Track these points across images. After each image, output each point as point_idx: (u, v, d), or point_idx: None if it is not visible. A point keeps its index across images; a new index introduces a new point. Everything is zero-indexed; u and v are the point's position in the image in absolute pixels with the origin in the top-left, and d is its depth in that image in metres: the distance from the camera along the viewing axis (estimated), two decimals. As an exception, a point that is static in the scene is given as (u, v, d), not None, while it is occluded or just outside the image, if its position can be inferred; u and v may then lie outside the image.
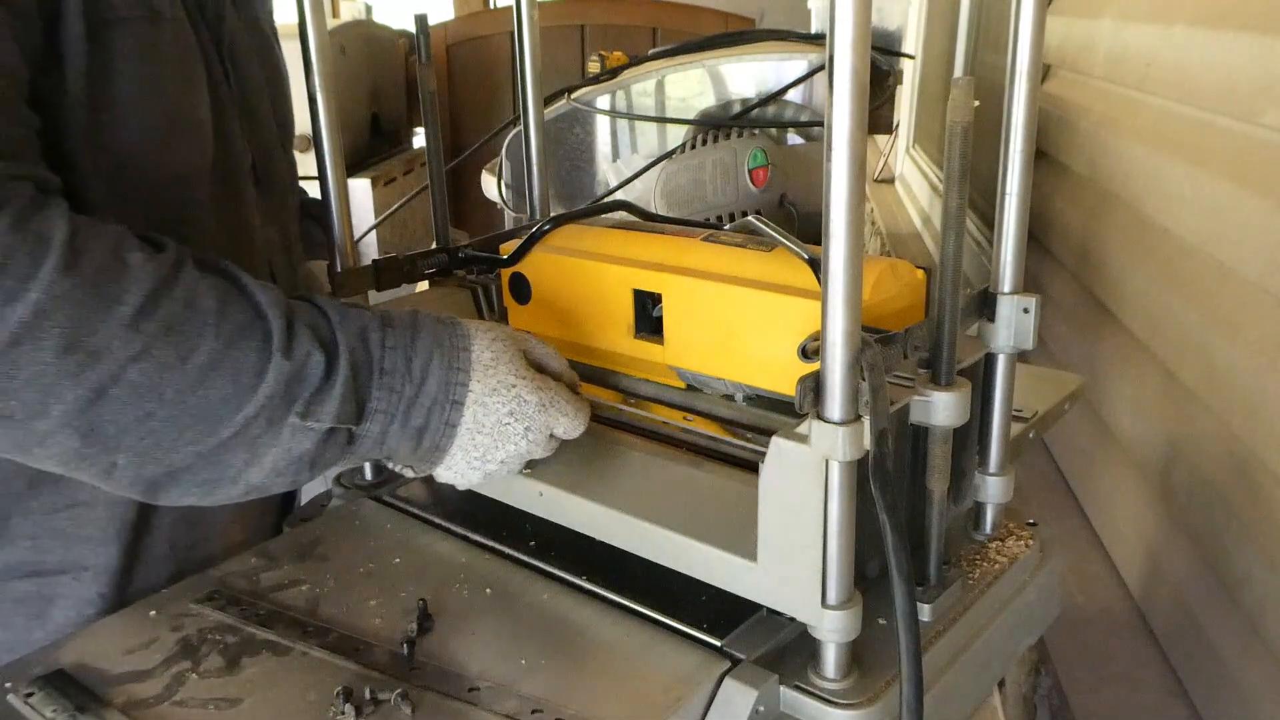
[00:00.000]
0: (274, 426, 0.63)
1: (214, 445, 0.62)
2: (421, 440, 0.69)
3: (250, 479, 0.65)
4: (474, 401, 0.70)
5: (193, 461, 0.63)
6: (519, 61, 0.99)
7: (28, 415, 0.58)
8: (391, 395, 0.67)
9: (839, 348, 0.56)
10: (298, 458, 0.65)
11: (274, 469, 0.65)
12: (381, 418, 0.67)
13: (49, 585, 0.78)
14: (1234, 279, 0.95)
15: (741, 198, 1.88)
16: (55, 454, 0.61)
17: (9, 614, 0.78)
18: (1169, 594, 1.03)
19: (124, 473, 0.62)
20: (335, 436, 0.66)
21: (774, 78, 1.98)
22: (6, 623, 0.78)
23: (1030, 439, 0.85)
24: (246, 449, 0.63)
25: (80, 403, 0.58)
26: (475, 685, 0.65)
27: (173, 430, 0.61)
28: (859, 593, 0.62)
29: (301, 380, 0.64)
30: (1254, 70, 0.97)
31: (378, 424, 0.67)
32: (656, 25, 3.98)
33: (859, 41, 0.51)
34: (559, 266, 0.87)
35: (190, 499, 0.65)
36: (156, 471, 0.62)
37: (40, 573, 0.78)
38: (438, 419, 0.69)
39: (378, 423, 0.67)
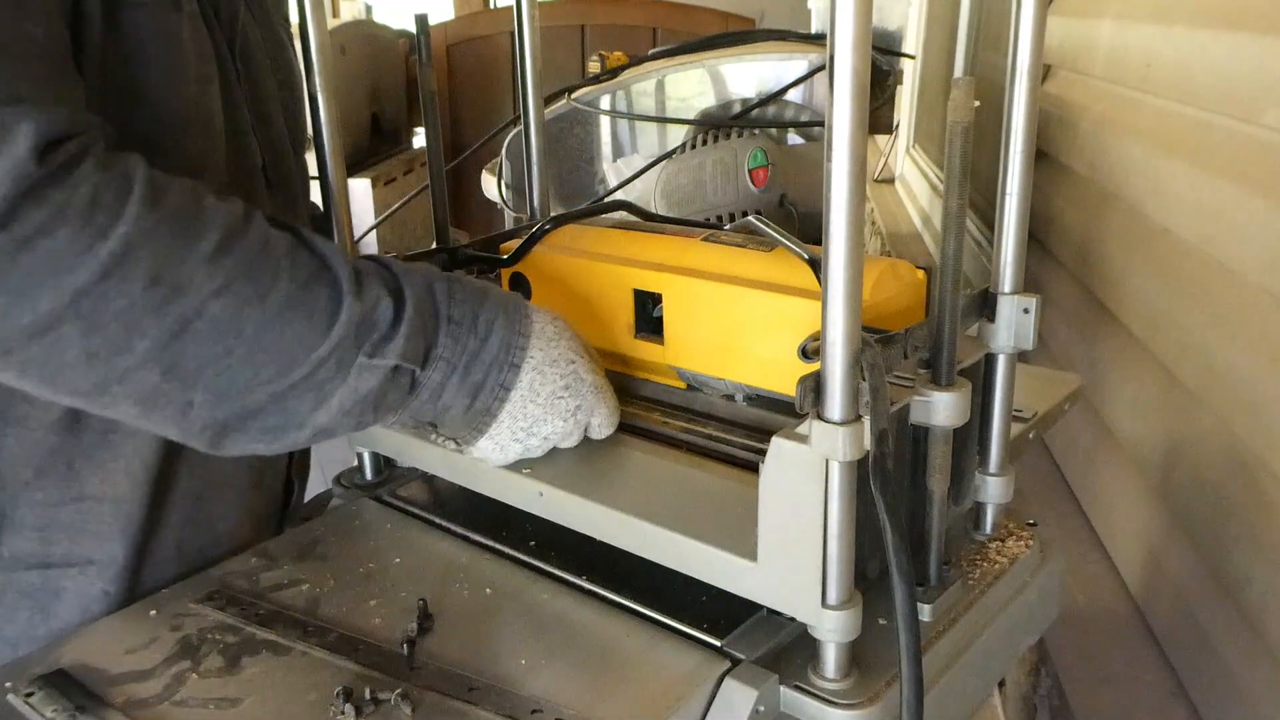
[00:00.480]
0: (343, 369, 0.65)
1: (286, 386, 0.64)
2: (475, 399, 0.71)
3: (318, 421, 0.66)
4: (532, 368, 0.72)
5: (265, 403, 0.64)
6: (519, 61, 0.99)
7: (112, 351, 0.59)
8: (455, 344, 0.69)
9: (839, 348, 0.56)
10: (363, 397, 0.66)
11: (341, 409, 0.66)
12: (444, 366, 0.69)
13: (55, 578, 0.78)
14: (1234, 279, 0.95)
15: (741, 198, 1.88)
16: (134, 391, 0.61)
17: (14, 606, 0.78)
18: (1169, 594, 1.03)
19: (198, 413, 0.63)
20: (399, 379, 0.68)
21: (774, 78, 1.98)
22: (11, 616, 0.78)
23: (1030, 439, 0.85)
24: (316, 391, 0.65)
25: (164, 337, 0.60)
26: (475, 685, 0.65)
27: (249, 369, 0.63)
28: (859, 593, 0.62)
29: (371, 323, 0.66)
30: (1254, 70, 0.97)
31: (439, 372, 0.69)
32: (656, 25, 3.98)
33: (859, 41, 0.51)
34: (559, 266, 0.87)
35: (258, 446, 0.66)
36: (230, 412, 0.64)
37: (47, 565, 0.78)
38: (494, 379, 0.71)
39: (440, 371, 0.69)
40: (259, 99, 0.86)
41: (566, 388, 0.73)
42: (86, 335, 0.58)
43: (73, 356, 0.59)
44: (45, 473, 0.76)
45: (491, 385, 0.71)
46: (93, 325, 0.58)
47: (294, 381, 0.64)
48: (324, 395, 0.65)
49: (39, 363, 0.59)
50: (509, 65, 4.00)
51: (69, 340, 0.58)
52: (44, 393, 0.62)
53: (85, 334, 0.58)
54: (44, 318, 0.57)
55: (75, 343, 0.59)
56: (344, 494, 0.91)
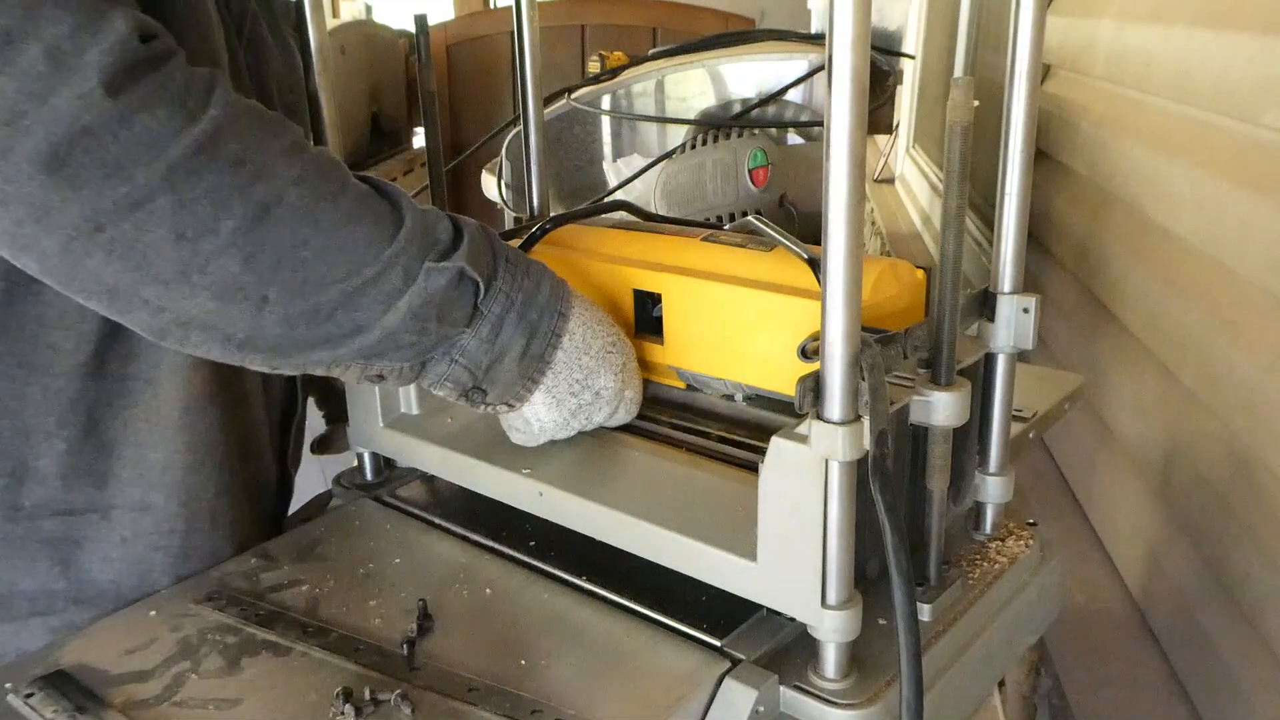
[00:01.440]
0: (410, 274, 0.67)
1: (358, 284, 0.66)
2: (531, 342, 0.72)
3: (387, 323, 0.67)
4: (581, 322, 0.75)
5: (337, 302, 0.66)
6: (519, 61, 0.99)
7: (199, 232, 0.61)
8: (512, 280, 0.72)
9: (839, 348, 0.56)
10: (430, 297, 0.68)
11: (409, 310, 0.67)
12: (503, 298, 0.71)
13: (76, 526, 0.79)
14: (1234, 279, 0.95)
15: (741, 198, 1.88)
16: (214, 281, 0.63)
17: (34, 558, 0.78)
18: (1169, 594, 1.03)
19: (273, 309, 0.65)
20: (464, 288, 0.69)
21: (774, 78, 1.98)
22: (31, 569, 0.78)
23: (1030, 439, 0.85)
24: (384, 291, 0.67)
25: (247, 219, 0.62)
26: (475, 685, 0.65)
27: (323, 264, 0.65)
28: (859, 593, 0.62)
29: (433, 237, 0.69)
30: (1254, 70, 0.97)
31: (499, 304, 0.71)
32: (656, 25, 3.98)
33: (859, 41, 0.51)
34: (558, 266, 0.87)
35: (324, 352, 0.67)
36: (303, 309, 0.65)
37: (69, 512, 0.79)
38: (548, 324, 0.73)
39: (499, 303, 0.71)
40: (264, 94, 0.86)
41: (614, 344, 0.76)
42: (177, 211, 0.61)
43: (161, 236, 0.61)
44: (66, 421, 0.77)
45: (545, 330, 0.73)
46: (183, 201, 0.61)
47: (365, 280, 0.66)
48: (392, 297, 0.67)
49: (129, 241, 0.61)
50: (509, 65, 3.99)
51: (160, 216, 0.61)
52: (127, 281, 0.63)
53: (176, 210, 0.61)
54: (139, 190, 0.60)
55: (166, 219, 0.61)
56: (344, 494, 0.91)
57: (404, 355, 0.70)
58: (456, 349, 0.71)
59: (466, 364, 0.71)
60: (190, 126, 0.61)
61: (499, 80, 4.12)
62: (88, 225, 0.60)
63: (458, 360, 0.71)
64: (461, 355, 0.71)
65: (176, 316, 0.65)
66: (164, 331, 0.66)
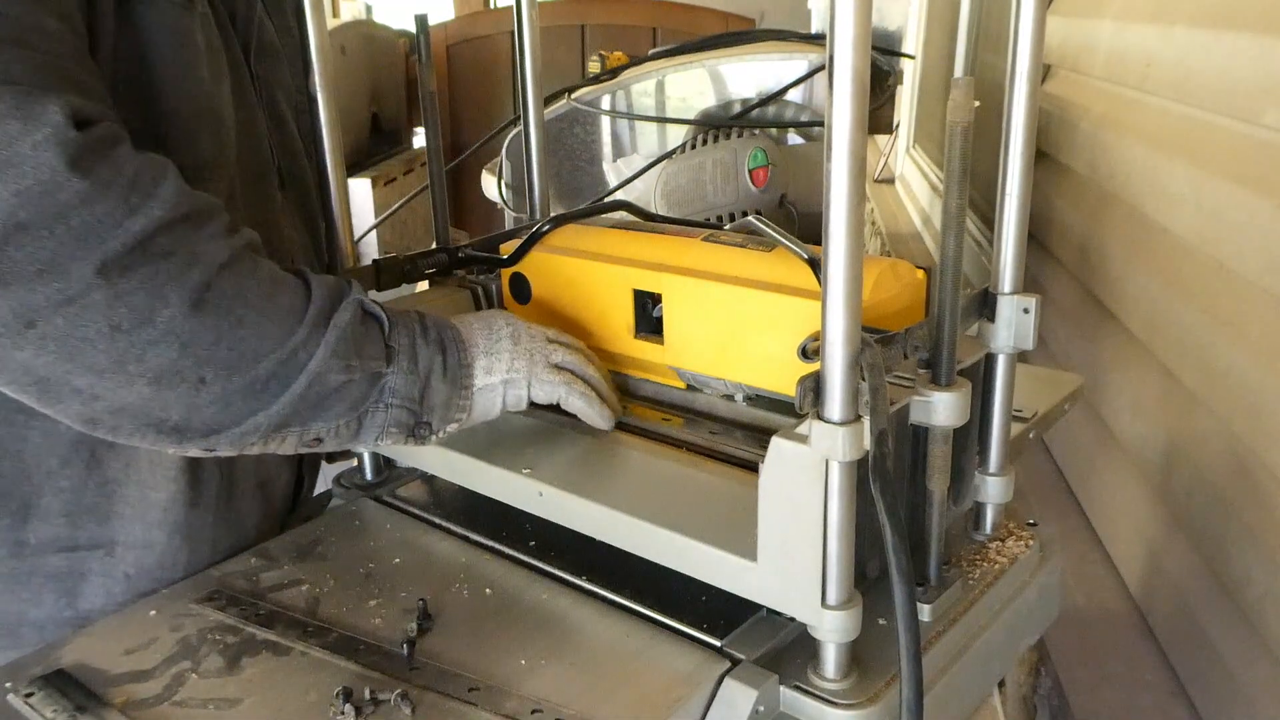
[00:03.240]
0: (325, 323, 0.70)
1: (291, 348, 0.67)
2: (447, 355, 0.74)
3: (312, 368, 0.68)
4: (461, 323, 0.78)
5: (272, 371, 0.67)
6: (519, 61, 0.99)
7: (135, 323, 0.62)
8: (401, 315, 0.75)
9: (839, 348, 0.56)
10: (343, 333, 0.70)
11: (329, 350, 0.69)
12: (404, 330, 0.73)
13: (81, 561, 0.80)
14: (1234, 279, 0.95)
15: (741, 198, 1.88)
16: (150, 369, 0.63)
17: (40, 590, 0.79)
18: (1169, 594, 1.03)
19: (210, 388, 0.65)
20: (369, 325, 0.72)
21: (774, 78, 1.98)
22: (38, 600, 0.79)
23: (1030, 439, 0.85)
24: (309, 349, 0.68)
25: (184, 307, 0.63)
26: (475, 685, 0.65)
27: (257, 337, 0.66)
28: (859, 593, 0.62)
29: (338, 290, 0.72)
30: (1254, 70, 0.97)
31: (404, 334, 0.73)
32: (656, 25, 3.98)
33: (859, 41, 0.51)
34: (559, 266, 0.87)
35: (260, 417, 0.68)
36: (241, 384, 0.66)
37: (73, 548, 0.79)
38: (448, 335, 0.76)
39: (403, 334, 0.73)
40: (274, 100, 0.86)
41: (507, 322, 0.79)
42: (112, 305, 0.61)
43: (96, 329, 0.61)
44: (70, 461, 0.78)
45: (449, 340, 0.75)
46: (119, 294, 0.61)
47: (296, 344, 0.67)
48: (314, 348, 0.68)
49: (61, 336, 0.60)
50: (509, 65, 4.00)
51: (95, 310, 0.60)
52: (58, 373, 0.62)
53: (111, 303, 0.61)
54: (73, 285, 0.59)
55: (100, 313, 0.61)
56: (344, 494, 0.91)
57: (337, 410, 0.70)
58: (387, 392, 0.72)
59: (401, 402, 0.72)
60: (129, 220, 0.60)
61: (499, 80, 4.12)
62: (18, 322, 0.59)
63: (392, 404, 0.72)
64: (393, 396, 0.72)
65: (109, 405, 0.65)
66: (95, 421, 0.66)
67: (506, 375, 0.76)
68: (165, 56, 0.74)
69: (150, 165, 0.63)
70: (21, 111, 0.57)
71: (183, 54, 0.75)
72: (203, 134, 0.77)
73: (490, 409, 0.76)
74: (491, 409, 0.76)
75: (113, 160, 0.61)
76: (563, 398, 0.77)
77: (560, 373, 0.77)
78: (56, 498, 0.78)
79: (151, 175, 0.63)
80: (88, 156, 0.59)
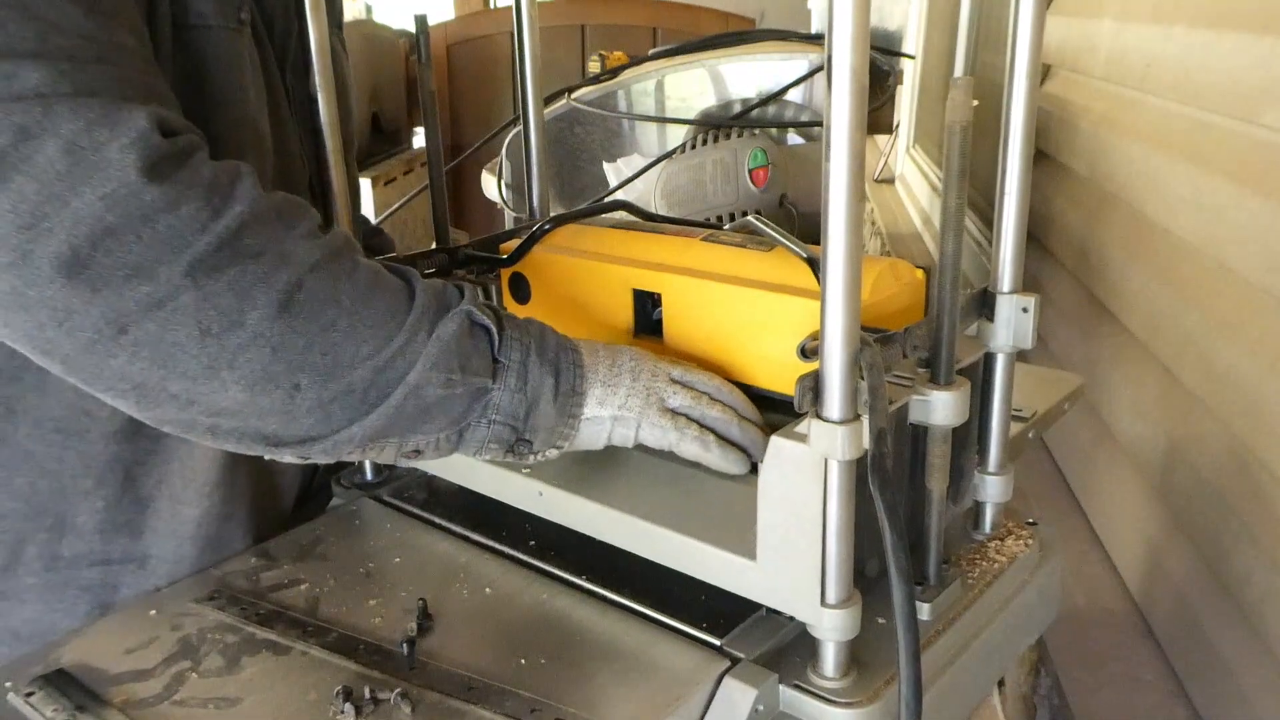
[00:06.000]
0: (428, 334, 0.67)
1: (389, 356, 0.65)
2: (560, 379, 0.70)
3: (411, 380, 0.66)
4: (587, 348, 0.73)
5: (369, 379, 0.65)
6: (519, 61, 0.99)
7: (225, 326, 0.61)
8: (517, 327, 0.71)
9: (838, 347, 0.56)
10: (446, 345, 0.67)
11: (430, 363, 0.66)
12: (517, 344, 0.70)
13: (114, 574, 0.81)
14: (1234, 279, 0.95)
15: (741, 198, 1.88)
16: (243, 375, 0.62)
17: (75, 601, 0.80)
18: (1169, 594, 1.03)
19: (306, 395, 0.64)
20: (477, 337, 0.69)
21: (774, 78, 1.98)
22: (72, 610, 0.80)
23: (1030, 439, 0.85)
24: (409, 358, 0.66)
25: (272, 309, 0.62)
26: (475, 685, 0.65)
27: (352, 342, 0.64)
28: (858, 592, 0.62)
29: (445, 298, 0.70)
30: (1254, 70, 0.97)
31: (516, 350, 0.70)
32: (656, 25, 3.98)
33: (859, 41, 0.51)
34: (559, 266, 0.88)
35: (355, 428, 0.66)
36: (337, 390, 0.64)
37: (106, 562, 0.80)
38: (565, 359, 0.71)
39: (515, 349, 0.70)
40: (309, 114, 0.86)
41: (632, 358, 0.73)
42: (201, 307, 0.60)
43: (186, 333, 0.60)
44: (105, 480, 0.79)
45: (565, 364, 0.71)
46: (207, 295, 0.60)
47: (394, 351, 0.65)
48: (414, 357, 0.66)
49: (153, 341, 0.60)
50: (509, 65, 3.99)
51: (184, 313, 0.60)
52: (153, 379, 0.62)
53: (200, 305, 0.60)
54: (161, 288, 0.59)
55: (190, 316, 0.60)
56: (344, 494, 0.91)
57: (437, 423, 0.68)
58: (490, 408, 0.69)
59: (504, 419, 0.69)
60: (214, 223, 0.60)
61: (499, 80, 4.12)
62: (110, 328, 0.59)
63: (495, 420, 0.69)
64: (496, 413, 0.69)
65: (206, 410, 0.64)
66: (192, 425, 0.65)
67: (617, 412, 0.71)
68: (217, 81, 0.75)
69: (225, 169, 0.63)
70: (109, 119, 0.58)
71: (233, 77, 0.76)
72: (247, 155, 0.77)
73: (595, 441, 0.72)
74: (596, 441, 0.72)
75: (191, 165, 0.61)
76: (674, 444, 0.70)
77: (674, 417, 0.71)
78: (91, 514, 0.79)
79: (229, 178, 0.62)
80: (170, 162, 0.60)
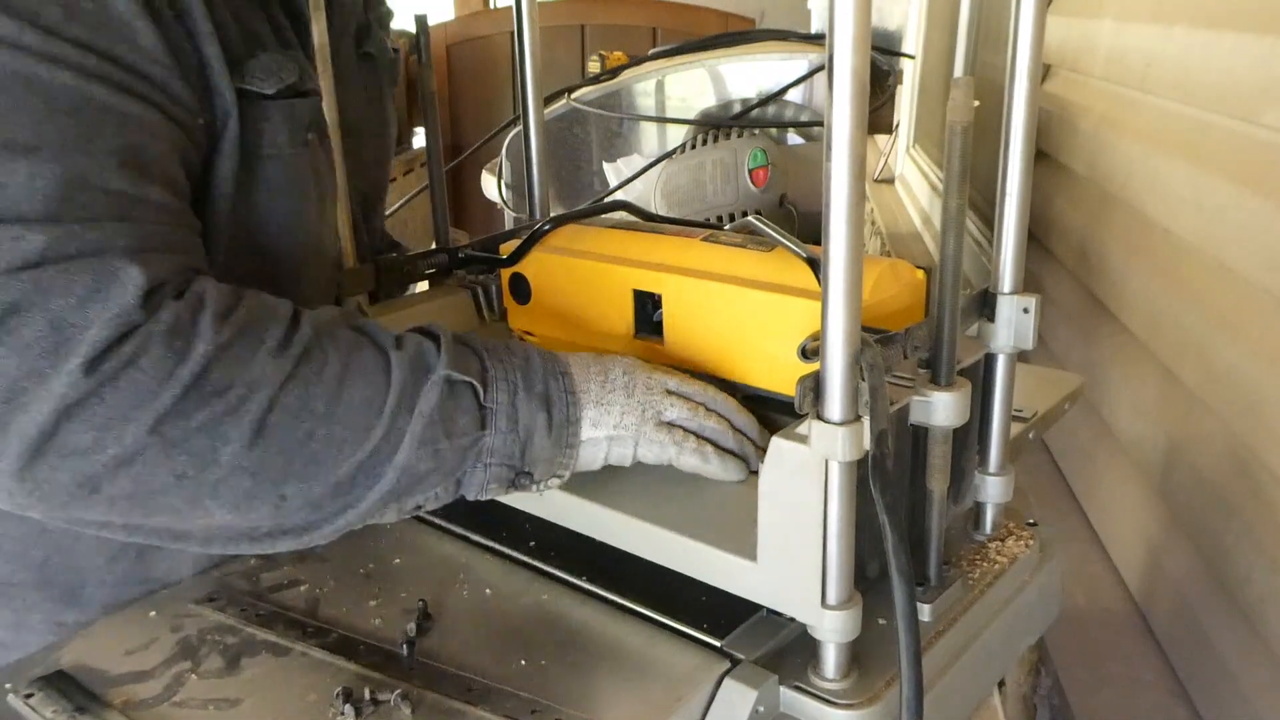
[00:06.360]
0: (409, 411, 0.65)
1: (372, 447, 0.64)
2: (551, 411, 0.69)
3: (399, 461, 0.65)
4: (578, 368, 0.71)
5: (355, 472, 0.64)
6: (519, 61, 0.99)
7: (200, 466, 0.60)
8: (502, 365, 0.69)
9: (839, 348, 0.56)
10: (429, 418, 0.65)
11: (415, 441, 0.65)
12: (505, 385, 0.68)
13: None
14: (1234, 279, 0.95)
15: (741, 198, 1.88)
16: (227, 501, 0.62)
17: None
18: (1169, 594, 1.03)
19: (293, 503, 0.63)
20: (459, 395, 0.66)
21: (774, 78, 1.98)
22: None
23: (1030, 439, 0.85)
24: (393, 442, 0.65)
25: (247, 439, 0.60)
26: (475, 685, 0.65)
27: (332, 447, 0.63)
28: (859, 593, 0.62)
29: (422, 364, 0.67)
30: (1254, 70, 0.96)
31: (504, 392, 0.68)
32: (656, 25, 3.98)
33: (859, 41, 0.51)
34: (559, 266, 0.87)
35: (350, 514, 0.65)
36: (323, 490, 0.63)
37: None
38: (556, 386, 0.70)
39: (503, 391, 0.68)
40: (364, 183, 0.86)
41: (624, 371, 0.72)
42: (171, 456, 0.59)
43: (161, 481, 0.60)
44: (117, 560, 0.79)
45: (556, 393, 0.70)
46: (176, 445, 0.59)
47: (376, 441, 0.64)
48: (398, 441, 0.65)
49: (128, 495, 0.60)
50: (509, 65, 4.00)
51: (155, 465, 0.59)
52: (137, 520, 0.62)
53: (170, 455, 0.59)
54: (129, 448, 0.58)
55: (162, 467, 0.59)
56: (344, 494, 0.90)
57: (431, 484, 0.67)
58: (484, 453, 0.68)
59: (499, 461, 0.68)
60: (178, 369, 0.58)
61: (499, 80, 4.12)
62: (82, 490, 0.59)
63: (490, 464, 0.68)
64: (490, 456, 0.68)
65: (197, 529, 0.65)
66: (186, 541, 0.65)
67: (613, 431, 0.70)
68: (282, 206, 0.74)
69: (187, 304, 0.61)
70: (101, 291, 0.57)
71: (300, 200, 0.76)
72: (309, 267, 0.77)
73: (592, 461, 0.71)
74: (594, 462, 0.71)
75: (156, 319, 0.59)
76: (673, 458, 0.70)
77: (670, 430, 0.71)
78: (99, 589, 0.80)
79: (190, 314, 0.60)
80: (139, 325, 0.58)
